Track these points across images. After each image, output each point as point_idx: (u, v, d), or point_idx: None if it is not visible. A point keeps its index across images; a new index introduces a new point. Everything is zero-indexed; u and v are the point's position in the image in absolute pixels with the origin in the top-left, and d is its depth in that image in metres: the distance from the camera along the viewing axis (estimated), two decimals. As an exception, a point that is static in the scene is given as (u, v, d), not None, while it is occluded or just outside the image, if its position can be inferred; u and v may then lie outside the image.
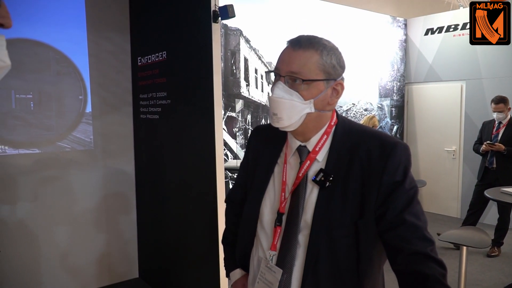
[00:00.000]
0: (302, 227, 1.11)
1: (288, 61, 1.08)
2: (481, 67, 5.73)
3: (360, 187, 1.07)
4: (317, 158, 1.14)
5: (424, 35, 6.47)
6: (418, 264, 0.98)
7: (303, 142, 1.16)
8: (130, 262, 3.89)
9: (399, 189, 1.04)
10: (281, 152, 1.23)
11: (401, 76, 6.66)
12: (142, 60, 3.50)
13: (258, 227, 1.23)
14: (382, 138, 1.10)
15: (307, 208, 1.11)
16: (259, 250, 1.22)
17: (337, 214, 1.07)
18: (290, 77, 1.07)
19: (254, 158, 1.30)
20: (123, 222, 3.83)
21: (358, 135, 1.13)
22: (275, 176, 1.22)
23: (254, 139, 1.35)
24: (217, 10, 2.54)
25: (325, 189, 1.09)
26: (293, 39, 1.13)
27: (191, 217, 3.07)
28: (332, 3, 5.54)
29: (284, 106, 1.07)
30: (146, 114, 3.49)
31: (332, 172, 1.09)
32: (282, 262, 1.13)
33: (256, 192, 1.24)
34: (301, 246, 1.11)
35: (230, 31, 4.55)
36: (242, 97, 4.68)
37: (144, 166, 3.70)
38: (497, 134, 4.37)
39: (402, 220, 1.02)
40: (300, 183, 1.13)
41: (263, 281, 1.17)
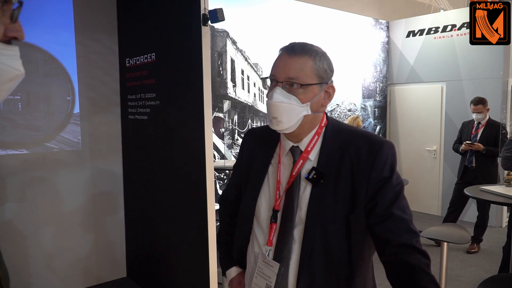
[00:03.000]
0: (297, 222, 1.18)
1: (285, 67, 1.15)
2: (461, 68, 5.90)
3: (350, 184, 1.14)
4: (309, 157, 1.21)
5: (405, 37, 6.62)
6: (405, 254, 1.06)
7: (296, 143, 1.23)
8: (118, 261, 3.91)
9: (387, 184, 1.12)
10: (274, 153, 1.30)
11: (383, 77, 6.80)
12: (130, 61, 3.52)
13: (255, 224, 1.29)
14: (370, 137, 1.19)
15: (302, 204, 1.18)
16: (255, 246, 1.28)
17: (329, 209, 1.14)
18: (288, 82, 1.14)
19: (249, 159, 1.36)
20: (111, 222, 3.85)
21: (347, 135, 1.21)
22: (269, 175, 1.28)
23: (248, 141, 1.41)
24: (206, 13, 2.59)
25: (317, 186, 1.16)
26: (287, 46, 1.19)
27: (179, 217, 3.11)
28: (315, 5, 5.64)
29: (283, 109, 1.14)
30: (135, 115, 3.52)
31: (324, 170, 1.17)
32: (278, 257, 1.20)
33: (251, 191, 1.30)
34: (297, 241, 1.18)
35: (217, 32, 4.60)
36: (229, 97, 4.73)
37: (132, 167, 3.73)
38: (476, 134, 4.53)
39: (390, 213, 1.10)
40: (294, 181, 1.21)
41: (261, 276, 1.23)
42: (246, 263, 1.36)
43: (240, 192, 1.44)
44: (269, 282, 1.21)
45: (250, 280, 1.29)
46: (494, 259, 4.22)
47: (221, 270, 1.50)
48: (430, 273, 1.05)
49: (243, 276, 1.41)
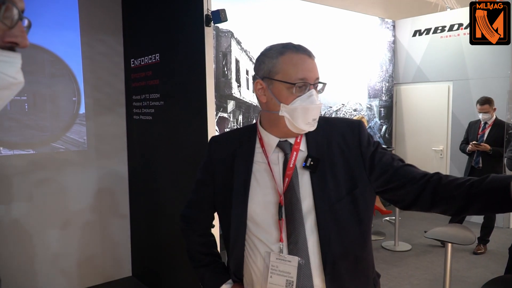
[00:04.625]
0: (305, 212, 1.20)
1: (312, 69, 1.19)
2: (468, 68, 5.86)
3: (345, 164, 1.23)
4: (301, 148, 1.25)
5: (412, 37, 6.59)
6: (435, 175, 1.18)
7: (283, 137, 1.25)
8: (123, 260, 3.94)
9: (377, 154, 1.24)
10: (254, 152, 1.29)
11: (389, 76, 6.77)
12: (135, 62, 3.54)
13: (251, 227, 1.26)
14: (346, 122, 1.31)
15: (304, 194, 1.21)
16: (260, 248, 1.25)
17: (333, 190, 1.20)
18: (315, 83, 1.20)
19: (223, 166, 1.32)
20: (116, 222, 3.88)
21: (324, 123, 1.28)
22: (256, 175, 1.27)
23: (216, 150, 1.36)
24: (209, 14, 2.60)
25: (316, 173, 1.21)
26: (300, 47, 1.21)
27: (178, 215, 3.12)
28: (321, 5, 5.63)
29: (320, 111, 1.22)
30: (139, 115, 3.54)
31: (317, 157, 1.23)
32: (294, 249, 1.19)
33: (239, 196, 1.27)
34: (309, 230, 1.20)
35: (221, 33, 4.62)
36: (234, 98, 4.75)
37: (137, 166, 3.75)
38: (483, 135, 4.49)
39: (396, 168, 1.22)
40: (292, 173, 1.22)
41: (277, 274, 1.21)
42: (246, 271, 1.31)
43: (206, 208, 1.41)
44: (290, 278, 1.19)
45: (262, 282, 1.26)
46: (500, 260, 4.18)
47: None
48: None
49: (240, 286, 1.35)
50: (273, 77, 1.19)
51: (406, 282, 3.80)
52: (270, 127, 1.26)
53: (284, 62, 1.18)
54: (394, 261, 4.30)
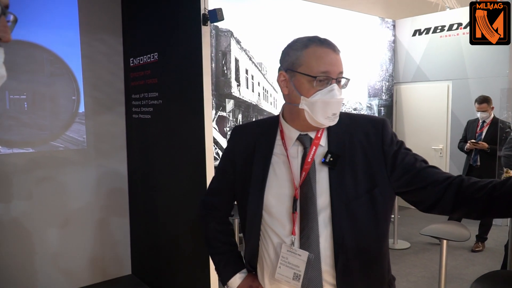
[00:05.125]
0: (320, 208, 1.20)
1: (336, 63, 1.19)
2: (467, 67, 5.87)
3: (366, 162, 1.21)
4: (321, 143, 1.24)
5: (412, 36, 6.60)
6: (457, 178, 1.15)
7: (303, 132, 1.25)
8: (123, 259, 3.96)
9: (400, 154, 1.22)
10: (274, 143, 1.30)
11: (389, 76, 6.78)
12: (134, 61, 3.57)
13: (266, 218, 1.27)
14: (370, 119, 1.30)
15: (321, 189, 1.21)
16: (274, 239, 1.26)
17: (351, 188, 1.19)
18: (338, 78, 1.20)
19: (244, 155, 1.33)
20: (116, 220, 3.90)
21: (348, 119, 1.28)
22: (274, 166, 1.28)
23: (238, 138, 1.39)
24: (206, 13, 2.62)
25: (335, 169, 1.21)
26: (325, 41, 1.23)
27: (182, 216, 3.15)
28: (321, 4, 5.65)
29: (341, 105, 1.22)
30: (139, 114, 3.57)
31: (338, 153, 1.22)
32: (305, 244, 1.20)
33: (256, 186, 1.28)
34: (323, 225, 1.20)
35: (221, 32, 4.64)
36: (233, 97, 4.77)
37: (136, 165, 3.78)
38: (481, 133, 4.51)
39: (418, 169, 1.19)
40: (310, 168, 1.22)
41: (285, 265, 1.22)
42: (259, 260, 1.32)
43: (226, 196, 1.42)
44: (298, 271, 1.20)
45: (271, 273, 1.27)
46: (498, 257, 4.19)
47: (221, 282, 1.42)
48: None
49: (251, 278, 1.36)
50: (296, 69, 1.20)
51: (404, 280, 3.81)
52: (291, 119, 1.27)
53: (308, 55, 1.19)
54: (392, 259, 4.26)
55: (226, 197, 1.43)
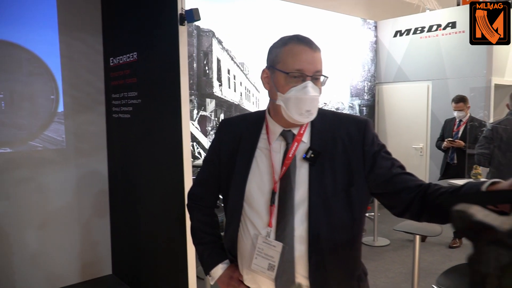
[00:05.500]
0: (298, 202, 1.24)
1: (312, 61, 1.23)
2: (446, 67, 5.97)
3: (345, 160, 1.25)
4: (303, 140, 1.29)
5: (393, 37, 6.69)
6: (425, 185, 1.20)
7: (287, 127, 1.30)
8: (103, 259, 3.96)
9: (379, 155, 1.27)
10: (259, 138, 1.34)
11: (371, 76, 6.87)
12: (114, 60, 3.57)
13: (246, 209, 1.31)
14: (353, 119, 1.34)
15: (300, 184, 1.25)
16: (251, 230, 1.30)
17: (329, 185, 1.23)
18: (315, 76, 1.23)
19: (230, 147, 1.37)
20: (97, 220, 3.90)
21: (333, 118, 1.33)
22: (257, 160, 1.32)
23: (225, 131, 1.43)
24: (183, 13, 2.65)
25: (315, 165, 1.24)
26: (303, 39, 1.27)
27: (161, 215, 3.17)
28: (303, 5, 5.70)
29: (316, 102, 1.24)
30: (118, 114, 3.57)
31: (319, 150, 1.26)
32: (281, 236, 1.24)
33: (239, 177, 1.32)
34: (299, 219, 1.23)
35: (202, 32, 4.66)
36: (215, 96, 4.79)
37: (117, 165, 3.78)
38: (458, 132, 4.61)
39: (393, 174, 1.25)
40: (290, 163, 1.27)
41: (261, 256, 1.26)
42: (239, 250, 1.36)
43: (211, 187, 1.45)
44: (272, 262, 1.24)
45: (248, 262, 1.30)
46: (475, 254, 4.29)
47: (204, 271, 1.46)
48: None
49: (232, 269, 1.40)
50: (275, 66, 1.25)
51: (382, 276, 3.88)
52: (274, 115, 1.31)
53: (285, 52, 1.24)
54: (372, 256, 4.38)
55: (212, 188, 1.46)
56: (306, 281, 1.24)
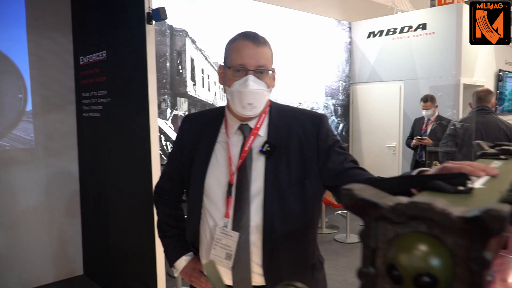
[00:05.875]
0: (254, 193, 1.29)
1: (255, 56, 1.27)
2: (417, 68, 6.11)
3: (300, 154, 1.30)
4: (259, 133, 1.34)
5: (367, 38, 6.81)
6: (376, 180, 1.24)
7: (244, 122, 1.34)
8: (75, 259, 3.92)
9: (333, 150, 1.31)
10: (219, 132, 1.38)
11: (346, 76, 6.97)
12: (83, 59, 3.56)
13: (205, 201, 1.35)
14: (310, 114, 1.41)
15: (256, 176, 1.30)
16: (210, 221, 1.34)
17: (284, 177, 1.28)
18: (258, 70, 1.27)
19: (191, 142, 1.42)
20: (68, 220, 3.86)
21: (290, 113, 1.38)
22: (216, 153, 1.36)
23: (188, 126, 1.47)
24: (150, 12, 2.66)
25: (271, 158, 1.29)
26: (248, 35, 1.30)
27: (130, 214, 3.17)
28: (279, 6, 5.75)
29: (258, 96, 1.27)
30: (89, 113, 3.56)
31: (275, 144, 1.30)
32: (237, 226, 1.28)
33: (198, 170, 1.37)
34: (255, 210, 1.28)
35: (175, 31, 4.66)
36: (188, 96, 4.80)
37: (87, 165, 3.76)
38: (426, 130, 4.73)
39: (345, 168, 1.29)
40: (247, 156, 1.31)
41: (219, 246, 1.31)
42: (200, 242, 1.39)
43: (176, 181, 1.49)
44: (229, 251, 1.28)
45: (207, 254, 1.34)
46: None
47: (169, 263, 1.50)
48: None
49: (195, 261, 1.43)
50: (225, 62, 1.32)
51: (352, 271, 3.95)
52: (230, 109, 1.36)
53: (231, 48, 1.30)
54: (343, 252, 4.46)
55: (176, 182, 1.50)
56: (260, 269, 1.29)
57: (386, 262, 0.49)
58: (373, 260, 0.52)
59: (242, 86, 1.26)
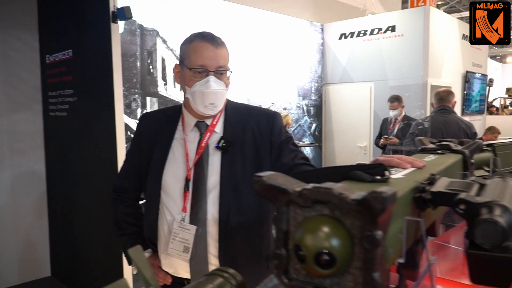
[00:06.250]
0: (210, 187, 1.33)
1: (214, 57, 1.31)
2: (387, 69, 6.25)
3: (255, 149, 1.36)
4: (216, 130, 1.38)
5: (338, 39, 6.92)
6: None
7: (201, 119, 1.38)
8: (42, 260, 3.87)
9: (286, 146, 1.38)
10: (176, 129, 1.42)
11: (318, 77, 7.06)
12: (50, 58, 3.51)
13: (163, 197, 1.38)
14: (264, 111, 1.47)
15: (212, 171, 1.34)
16: (168, 216, 1.37)
17: (239, 171, 1.33)
18: (218, 71, 1.32)
19: (149, 140, 1.45)
20: (34, 221, 3.80)
21: (245, 110, 1.44)
22: (173, 150, 1.40)
23: (145, 124, 1.50)
24: (115, 11, 2.66)
25: (227, 154, 1.34)
26: (207, 36, 1.33)
27: (98, 214, 3.14)
28: (252, 7, 5.78)
29: (219, 95, 1.32)
30: (55, 112, 3.51)
31: (231, 139, 1.35)
32: (195, 220, 1.32)
33: (156, 167, 1.40)
34: (212, 203, 1.33)
35: (146, 31, 4.64)
36: (159, 95, 4.78)
37: (55, 165, 3.71)
38: (393, 130, 4.85)
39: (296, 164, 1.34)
40: (203, 151, 1.35)
41: (177, 240, 1.34)
42: (158, 237, 1.41)
43: (133, 178, 1.50)
44: (187, 244, 1.32)
45: (165, 248, 1.37)
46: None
47: (127, 261, 1.51)
48: None
49: (153, 258, 1.45)
50: (183, 62, 1.35)
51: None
52: (187, 107, 1.40)
53: (190, 49, 1.33)
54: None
55: (134, 180, 1.51)
56: (217, 260, 1.33)
57: (293, 243, 0.53)
58: (285, 242, 0.56)
59: (204, 87, 1.30)
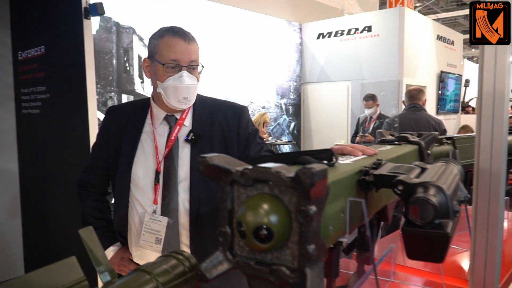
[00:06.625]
0: (180, 179, 1.35)
1: (186, 52, 1.33)
2: (363, 69, 6.35)
3: (223, 142, 1.39)
4: (185, 123, 1.41)
5: (316, 39, 7.00)
6: None
7: (170, 112, 1.40)
8: (15, 260, 3.80)
9: (252, 138, 1.42)
10: (144, 122, 1.43)
11: (297, 76, 7.13)
12: (22, 54, 3.46)
13: (133, 190, 1.39)
14: (231, 104, 1.49)
15: (182, 163, 1.36)
16: (139, 209, 1.39)
17: None
18: (190, 66, 1.34)
19: (115, 134, 1.45)
20: (7, 221, 3.74)
21: (213, 104, 1.46)
22: (143, 143, 1.41)
23: (111, 118, 1.49)
24: (88, 7, 2.64)
25: (196, 146, 1.37)
26: (178, 31, 1.35)
27: (72, 212, 3.11)
28: (229, 6, 5.79)
29: (192, 90, 1.35)
30: (28, 109, 3.46)
31: (199, 132, 1.38)
32: (166, 211, 1.35)
33: (125, 160, 1.40)
34: (182, 195, 1.35)
35: (122, 29, 4.61)
36: (136, 93, 4.75)
37: (28, 162, 3.65)
38: (369, 128, 4.94)
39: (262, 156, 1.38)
40: (173, 145, 1.37)
41: (148, 232, 1.35)
42: (128, 230, 1.42)
43: (101, 172, 1.50)
44: (159, 236, 1.34)
45: (137, 239, 1.38)
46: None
47: None
48: None
49: (123, 251, 1.45)
50: (154, 56, 1.35)
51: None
52: (157, 101, 1.41)
53: (161, 44, 1.34)
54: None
55: (101, 174, 1.51)
56: (188, 249, 1.35)
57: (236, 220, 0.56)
58: (230, 220, 0.59)
59: (177, 82, 1.32)
